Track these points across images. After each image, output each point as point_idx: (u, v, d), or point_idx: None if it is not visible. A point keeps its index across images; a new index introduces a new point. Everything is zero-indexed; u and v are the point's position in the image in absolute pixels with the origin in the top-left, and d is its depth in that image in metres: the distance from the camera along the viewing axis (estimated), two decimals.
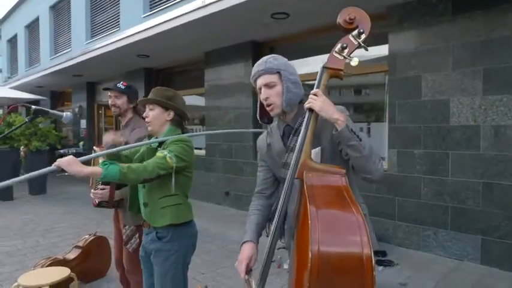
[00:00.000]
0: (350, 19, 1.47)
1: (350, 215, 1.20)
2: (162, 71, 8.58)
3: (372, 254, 1.10)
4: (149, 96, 2.05)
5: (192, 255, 2.08)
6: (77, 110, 11.50)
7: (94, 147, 2.61)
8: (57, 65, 9.28)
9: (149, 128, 2.06)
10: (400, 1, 4.15)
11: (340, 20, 1.48)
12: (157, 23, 5.63)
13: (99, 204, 2.37)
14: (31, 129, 7.93)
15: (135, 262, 2.51)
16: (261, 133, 1.83)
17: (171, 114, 2.04)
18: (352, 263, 1.12)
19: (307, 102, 1.41)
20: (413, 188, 4.22)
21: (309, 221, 1.20)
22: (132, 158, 2.12)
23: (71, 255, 3.36)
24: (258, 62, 1.58)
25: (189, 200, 2.09)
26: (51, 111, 1.62)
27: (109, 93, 2.60)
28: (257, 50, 6.08)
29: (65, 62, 8.80)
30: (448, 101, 3.94)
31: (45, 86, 12.32)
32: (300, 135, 1.42)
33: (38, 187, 8.02)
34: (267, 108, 1.56)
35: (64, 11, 11.67)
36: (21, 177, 1.35)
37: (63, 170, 1.53)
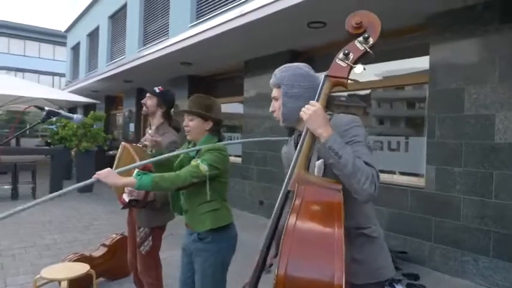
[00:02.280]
0: (356, 24, 1.39)
1: (329, 236, 1.12)
2: (205, 78, 8.79)
3: (344, 283, 1.01)
4: (188, 105, 2.15)
5: (232, 256, 2.17)
6: (126, 113, 12.12)
7: (122, 143, 2.69)
8: (109, 70, 9.85)
9: (188, 137, 2.19)
10: (441, 10, 3.92)
11: (347, 25, 1.41)
12: (199, 31, 5.79)
13: (129, 203, 2.42)
14: (82, 130, 8.46)
15: (148, 264, 2.56)
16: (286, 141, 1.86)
17: (210, 124, 2.14)
18: None
19: (301, 110, 1.38)
20: (452, 208, 3.92)
21: (283, 236, 1.15)
22: (174, 161, 2.20)
23: (98, 253, 3.50)
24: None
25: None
26: (62, 112, 1.71)
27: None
28: (295, 59, 6.03)
29: (116, 68, 9.31)
30: (493, 116, 3.63)
31: (101, 91, 13.11)
32: (298, 147, 1.38)
33: (85, 186, 8.48)
34: (277, 120, 1.62)
35: (121, 20, 12.40)
36: (66, 190, 1.54)
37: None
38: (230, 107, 8.08)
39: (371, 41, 1.37)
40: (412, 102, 4.98)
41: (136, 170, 2.01)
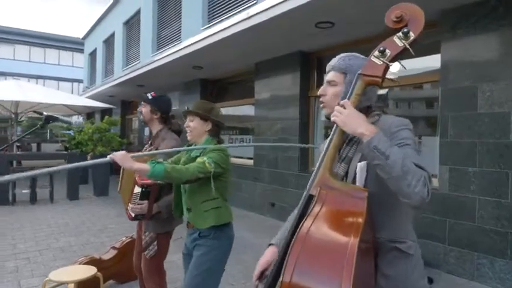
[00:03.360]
0: (397, 17, 1.26)
1: (342, 248, 1.02)
2: (216, 82, 8.83)
3: None
4: (190, 108, 2.25)
5: (228, 256, 2.21)
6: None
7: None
8: (123, 76, 10.01)
9: (189, 137, 2.28)
10: (453, 5, 3.82)
11: (386, 20, 1.29)
12: (207, 35, 5.82)
13: (136, 217, 2.47)
14: (98, 135, 8.61)
15: (152, 269, 2.57)
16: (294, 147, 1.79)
17: (209, 125, 2.23)
18: None
19: (332, 114, 1.28)
20: (467, 209, 3.80)
21: (293, 241, 1.08)
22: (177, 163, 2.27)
23: (107, 256, 3.53)
24: (335, 57, 1.46)
25: (232, 207, 2.25)
26: (60, 117, 1.73)
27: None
28: (305, 60, 6.01)
29: (129, 73, 9.45)
30: (508, 114, 3.51)
31: (116, 96, 13.33)
32: (324, 148, 1.29)
33: (101, 189, 8.65)
34: (320, 106, 1.47)
35: (135, 26, 12.59)
36: (60, 167, 1.49)
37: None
38: (242, 110, 8.10)
39: (412, 36, 1.24)
40: (424, 101, 4.87)
41: (151, 159, 2.07)
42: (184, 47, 6.60)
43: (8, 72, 24.07)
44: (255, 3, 5.71)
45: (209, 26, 7.52)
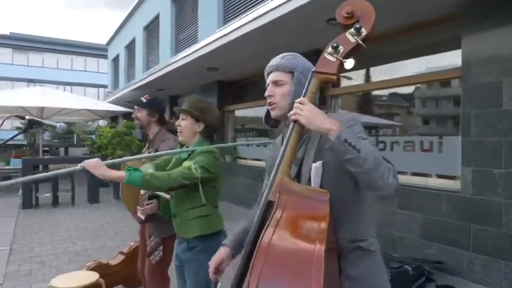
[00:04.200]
0: (347, 13, 1.23)
1: (308, 257, 0.97)
2: (233, 83, 8.76)
3: None
4: (183, 106, 2.11)
5: None
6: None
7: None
8: (141, 80, 10.11)
9: (180, 138, 2.12)
10: None
11: (337, 16, 1.25)
12: (219, 36, 5.76)
13: (146, 219, 2.39)
14: (116, 139, 8.71)
15: (156, 275, 2.50)
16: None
17: (201, 126, 2.07)
18: None
19: (291, 112, 1.21)
20: (493, 214, 3.54)
21: (255, 253, 1.02)
22: (165, 167, 2.15)
23: (114, 261, 3.51)
24: (275, 57, 1.43)
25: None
26: (45, 121, 1.68)
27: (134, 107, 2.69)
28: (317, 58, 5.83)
29: (148, 76, 9.54)
30: None
31: (137, 100, 13.51)
32: (281, 150, 1.22)
33: (119, 192, 8.72)
34: (269, 108, 1.41)
35: (154, 31, 12.75)
36: (33, 176, 1.55)
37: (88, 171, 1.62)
38: (260, 111, 7.99)
39: (364, 32, 1.21)
40: (445, 98, 4.61)
41: (128, 165, 1.98)
42: (198, 49, 6.57)
43: (37, 80, 25.02)
44: (268, 3, 5.61)
45: (224, 28, 7.47)
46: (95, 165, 1.63)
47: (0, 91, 17.44)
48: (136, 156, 1.86)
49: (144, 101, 2.61)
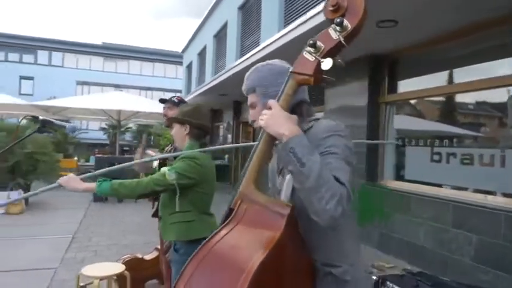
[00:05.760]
0: (333, 6, 1.11)
1: (243, 264, 0.93)
2: None
3: None
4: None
5: None
6: (225, 125, 12.80)
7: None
8: (207, 84, 10.53)
9: (175, 144, 2.27)
10: None
11: (324, 11, 1.16)
12: (279, 36, 5.75)
13: None
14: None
15: (167, 272, 2.57)
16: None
17: (187, 128, 2.12)
18: None
19: (259, 117, 1.17)
20: None
21: (196, 250, 1.05)
22: None
23: (149, 256, 3.67)
24: None
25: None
26: (55, 121, 1.81)
27: (164, 105, 2.79)
28: (377, 64, 5.53)
29: (211, 81, 9.91)
30: None
31: (205, 105, 14.12)
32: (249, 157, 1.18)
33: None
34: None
35: (223, 38, 13.22)
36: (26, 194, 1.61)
37: None
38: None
39: (348, 27, 1.09)
40: (505, 106, 4.06)
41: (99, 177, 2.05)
42: (257, 51, 6.63)
43: (123, 85, 27.34)
44: None
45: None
46: (68, 181, 1.76)
47: (88, 95, 19.44)
48: (123, 165, 1.92)
49: (176, 100, 2.74)
